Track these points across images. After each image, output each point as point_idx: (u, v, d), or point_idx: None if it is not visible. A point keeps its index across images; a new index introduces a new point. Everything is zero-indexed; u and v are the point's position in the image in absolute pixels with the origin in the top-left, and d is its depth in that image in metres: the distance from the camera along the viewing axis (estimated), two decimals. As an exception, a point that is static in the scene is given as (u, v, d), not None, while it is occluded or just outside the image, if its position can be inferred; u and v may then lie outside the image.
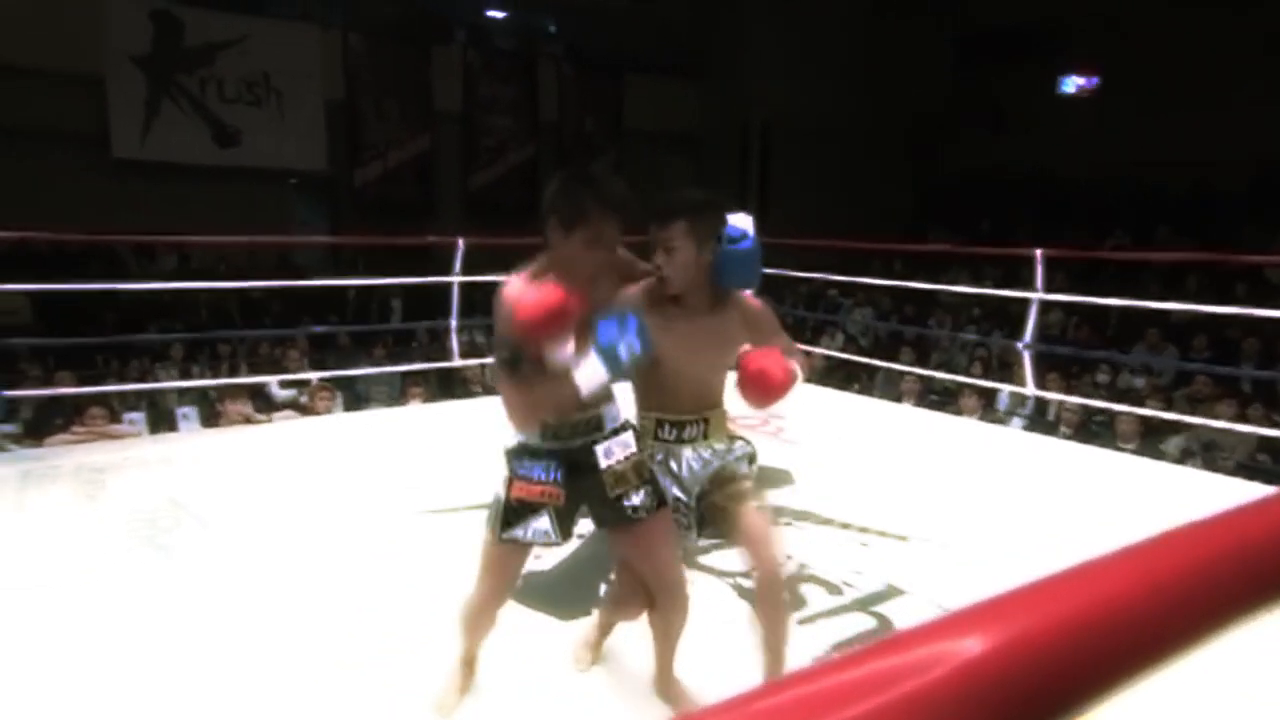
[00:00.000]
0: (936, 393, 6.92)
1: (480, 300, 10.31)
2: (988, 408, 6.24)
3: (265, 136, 11.05)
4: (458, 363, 5.50)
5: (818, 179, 12.70)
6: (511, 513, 1.73)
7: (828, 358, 7.40)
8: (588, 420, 1.72)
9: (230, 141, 10.95)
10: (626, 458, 1.75)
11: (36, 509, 3.07)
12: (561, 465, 1.72)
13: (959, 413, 5.78)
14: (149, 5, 10.30)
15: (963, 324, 9.33)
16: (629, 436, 1.78)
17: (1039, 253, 4.40)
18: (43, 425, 4.82)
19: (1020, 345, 4.58)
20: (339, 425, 4.66)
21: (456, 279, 4.96)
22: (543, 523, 1.72)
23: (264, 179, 11.13)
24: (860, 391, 6.78)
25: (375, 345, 7.95)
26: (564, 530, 1.75)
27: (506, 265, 1.68)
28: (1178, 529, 0.39)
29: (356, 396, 6.49)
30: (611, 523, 1.78)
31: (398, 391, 6.43)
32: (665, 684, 1.99)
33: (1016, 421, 6.07)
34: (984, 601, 0.29)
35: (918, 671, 0.23)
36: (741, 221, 1.98)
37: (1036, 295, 4.44)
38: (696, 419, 1.83)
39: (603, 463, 1.73)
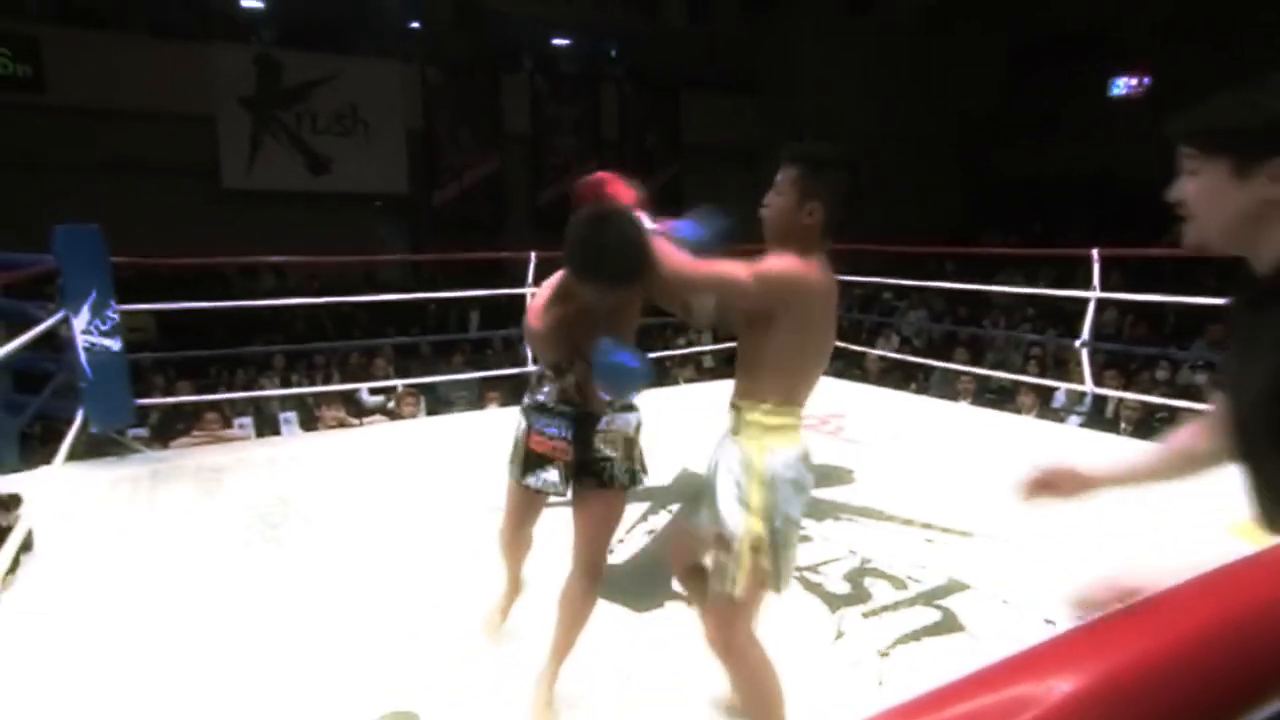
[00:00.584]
0: (993, 391, 6.69)
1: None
2: (1045, 406, 6.00)
3: (353, 163, 11.44)
4: (531, 368, 5.56)
5: (870, 186, 12.40)
6: (530, 461, 1.82)
7: (883, 358, 7.23)
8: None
9: (322, 169, 11.38)
10: (621, 431, 1.79)
11: (165, 504, 3.21)
12: (572, 425, 1.79)
13: (1016, 411, 5.57)
14: (253, 51, 10.78)
15: (1016, 323, 9.00)
16: (635, 417, 1.82)
17: (1095, 251, 4.22)
18: (167, 430, 5.08)
19: (1078, 343, 4.40)
20: (423, 428, 4.74)
21: (530, 290, 5.03)
22: (552, 475, 1.79)
23: (351, 202, 11.52)
24: (917, 392, 6.60)
25: (454, 354, 8.13)
26: (568, 482, 1.82)
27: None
28: (1266, 549, 0.37)
29: (439, 401, 6.62)
30: (581, 482, 1.81)
31: (476, 396, 6.55)
32: (544, 684, 1.83)
33: (1074, 419, 5.82)
34: (1067, 634, 0.27)
35: (1004, 715, 0.22)
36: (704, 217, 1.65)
37: (1094, 294, 4.26)
38: (734, 405, 1.56)
39: (602, 424, 1.78)
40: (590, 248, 1.54)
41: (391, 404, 5.74)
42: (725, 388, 1.63)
